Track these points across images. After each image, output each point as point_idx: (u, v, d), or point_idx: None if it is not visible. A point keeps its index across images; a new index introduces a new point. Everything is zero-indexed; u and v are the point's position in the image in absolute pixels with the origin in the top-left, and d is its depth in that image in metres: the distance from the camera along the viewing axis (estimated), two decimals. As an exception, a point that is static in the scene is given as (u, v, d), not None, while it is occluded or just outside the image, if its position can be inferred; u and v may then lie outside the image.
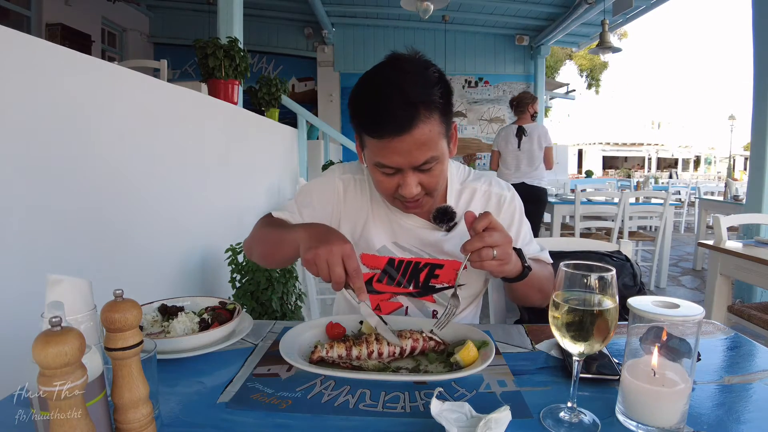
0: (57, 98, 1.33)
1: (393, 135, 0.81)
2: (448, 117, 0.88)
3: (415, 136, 0.81)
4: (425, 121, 0.81)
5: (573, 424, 0.57)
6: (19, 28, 1.18)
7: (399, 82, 0.81)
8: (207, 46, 2.87)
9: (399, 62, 0.85)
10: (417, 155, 0.83)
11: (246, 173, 3.05)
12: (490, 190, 1.05)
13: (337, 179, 1.07)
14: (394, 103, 0.80)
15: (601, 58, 6.28)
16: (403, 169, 0.86)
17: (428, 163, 0.86)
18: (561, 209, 3.97)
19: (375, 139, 0.84)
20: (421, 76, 0.83)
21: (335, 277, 0.75)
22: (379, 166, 0.87)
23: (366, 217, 1.05)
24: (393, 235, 1.04)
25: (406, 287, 1.05)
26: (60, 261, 1.33)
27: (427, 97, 0.81)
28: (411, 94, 0.80)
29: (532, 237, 1.08)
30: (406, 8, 5.00)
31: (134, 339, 0.50)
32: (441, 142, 0.86)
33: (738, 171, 20.20)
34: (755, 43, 2.98)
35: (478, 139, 8.22)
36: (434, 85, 0.83)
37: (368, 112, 0.83)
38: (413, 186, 0.87)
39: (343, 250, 0.76)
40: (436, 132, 0.84)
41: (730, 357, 0.80)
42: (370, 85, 0.85)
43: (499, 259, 0.77)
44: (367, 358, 0.75)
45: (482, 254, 0.76)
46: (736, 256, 2.03)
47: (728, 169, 18.55)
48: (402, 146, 0.82)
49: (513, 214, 1.05)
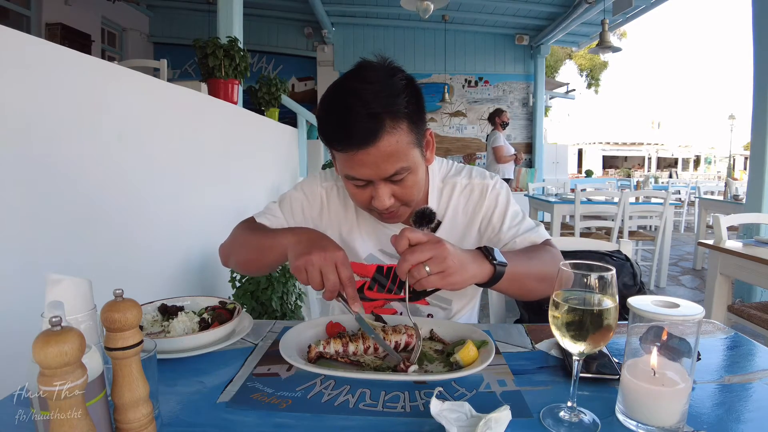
0: (57, 98, 1.33)
1: (357, 148, 0.78)
2: (419, 125, 0.84)
3: (381, 148, 0.78)
4: (391, 132, 0.78)
5: (573, 424, 0.57)
6: (18, 28, 1.19)
7: (362, 93, 0.77)
8: (207, 46, 2.87)
9: (363, 71, 0.82)
10: (385, 167, 0.81)
11: (246, 173, 3.05)
12: (471, 182, 1.02)
13: (320, 187, 1.04)
14: (357, 115, 0.76)
15: (601, 57, 6.29)
16: (374, 180, 0.83)
17: (398, 174, 0.83)
18: (561, 209, 3.96)
19: (340, 153, 0.81)
20: (386, 86, 0.79)
21: (329, 285, 0.73)
22: (349, 178, 0.85)
23: (350, 226, 1.03)
24: (378, 242, 1.03)
25: (397, 293, 1.04)
26: (60, 261, 1.33)
27: (392, 107, 0.78)
28: (374, 105, 0.77)
29: (525, 216, 1.02)
30: (406, 8, 4.99)
31: (134, 339, 0.50)
32: (411, 152, 0.83)
33: (738, 170, 20.19)
34: (755, 43, 2.97)
35: (479, 139, 8.21)
36: (399, 94, 0.79)
37: (332, 126, 0.80)
38: (385, 198, 0.85)
39: (337, 257, 0.74)
40: (405, 142, 0.81)
41: (730, 356, 0.80)
42: (333, 97, 0.81)
43: (438, 272, 0.69)
44: (363, 353, 0.75)
45: (414, 274, 0.69)
46: (736, 256, 2.03)
47: (728, 169, 18.54)
48: (368, 159, 0.79)
49: (497, 198, 1.01)
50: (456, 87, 8.19)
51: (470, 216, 1.02)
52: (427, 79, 8.00)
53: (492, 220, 1.01)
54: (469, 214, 1.02)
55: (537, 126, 8.22)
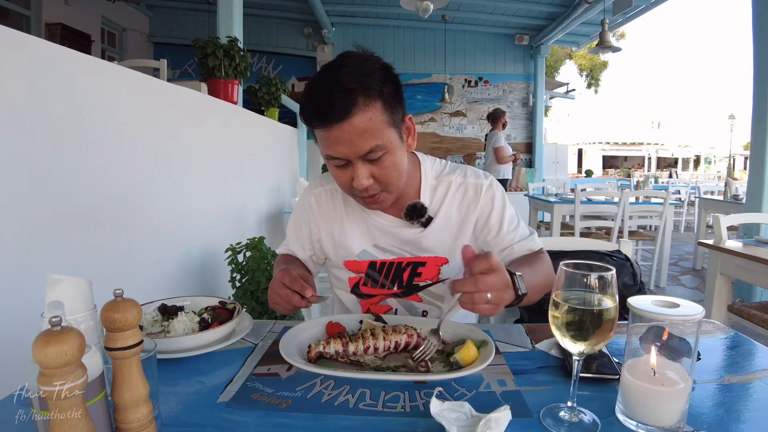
0: (56, 98, 1.33)
1: (332, 123, 0.82)
2: (396, 108, 0.87)
3: (354, 123, 0.82)
4: (364, 109, 0.82)
5: (573, 424, 0.57)
6: (18, 28, 1.18)
7: (337, 74, 0.83)
8: (207, 46, 2.87)
9: (341, 59, 0.87)
10: (359, 143, 0.83)
11: (246, 173, 3.05)
12: (465, 181, 1.03)
13: (310, 195, 1.09)
14: (331, 91, 0.82)
15: (600, 57, 6.29)
16: (351, 159, 0.86)
17: (373, 152, 0.85)
18: (561, 209, 3.96)
19: (319, 130, 0.85)
20: (360, 67, 0.84)
21: (288, 300, 0.82)
22: (329, 158, 0.89)
23: (341, 224, 1.05)
24: (371, 237, 1.04)
25: (390, 288, 1.05)
26: (60, 261, 1.33)
27: (365, 84, 0.82)
28: (347, 82, 0.81)
29: (519, 221, 1.04)
30: (406, 8, 4.99)
31: (134, 339, 0.50)
32: (386, 132, 0.86)
33: (738, 170, 20.18)
34: (755, 42, 2.97)
35: (478, 139, 8.21)
36: (372, 74, 0.84)
37: (311, 103, 0.85)
38: (363, 177, 0.87)
39: (274, 282, 0.85)
40: (379, 120, 0.84)
41: (730, 356, 0.80)
42: (313, 81, 0.87)
43: (493, 304, 0.70)
44: (363, 353, 0.75)
45: (475, 298, 0.69)
46: (736, 256, 2.03)
47: (728, 169, 18.54)
48: (342, 135, 0.83)
49: (492, 200, 1.02)
50: (456, 87, 8.19)
51: (464, 214, 1.03)
52: (427, 79, 8.00)
53: (489, 223, 1.02)
54: (463, 212, 1.03)
55: (537, 126, 8.21)
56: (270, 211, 3.45)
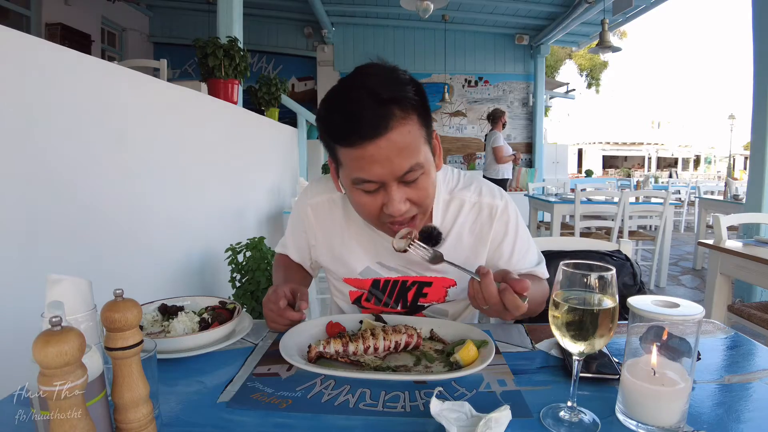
0: (56, 98, 1.33)
1: (367, 139, 0.71)
2: (428, 120, 0.79)
3: (392, 139, 0.72)
4: (402, 122, 0.73)
5: (573, 424, 0.57)
6: (18, 28, 1.19)
7: (367, 84, 0.73)
8: (207, 46, 2.87)
9: (364, 68, 0.77)
10: (399, 162, 0.74)
11: (246, 173, 3.05)
12: (480, 200, 0.96)
13: (307, 205, 1.01)
14: (363, 103, 0.71)
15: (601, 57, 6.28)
16: (386, 182, 0.76)
17: (413, 172, 0.76)
18: (561, 208, 3.96)
19: (349, 149, 0.74)
20: (390, 77, 0.75)
21: (277, 320, 0.84)
22: (358, 182, 0.77)
23: (341, 238, 0.98)
24: (376, 254, 0.97)
25: (393, 308, 1.00)
26: (60, 261, 1.33)
27: (400, 94, 0.73)
28: (381, 92, 0.72)
29: (530, 245, 0.99)
30: (406, 7, 5.00)
31: (134, 339, 0.50)
32: (424, 148, 0.77)
33: (738, 170, 20.18)
34: (755, 42, 2.97)
35: (478, 139, 8.22)
36: (406, 84, 0.75)
37: (337, 120, 0.74)
38: (400, 202, 0.77)
39: (264, 306, 0.85)
40: (417, 134, 0.75)
41: (730, 356, 0.80)
42: (336, 94, 0.76)
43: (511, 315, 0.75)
44: (363, 353, 0.75)
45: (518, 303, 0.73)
46: (736, 256, 2.03)
47: (728, 169, 18.54)
48: (380, 153, 0.72)
49: (506, 224, 0.96)
50: (456, 87, 8.19)
51: (477, 236, 0.97)
52: (427, 79, 8.00)
53: (500, 249, 0.97)
54: (476, 234, 0.97)
55: (537, 126, 8.22)
56: (270, 211, 3.45)
